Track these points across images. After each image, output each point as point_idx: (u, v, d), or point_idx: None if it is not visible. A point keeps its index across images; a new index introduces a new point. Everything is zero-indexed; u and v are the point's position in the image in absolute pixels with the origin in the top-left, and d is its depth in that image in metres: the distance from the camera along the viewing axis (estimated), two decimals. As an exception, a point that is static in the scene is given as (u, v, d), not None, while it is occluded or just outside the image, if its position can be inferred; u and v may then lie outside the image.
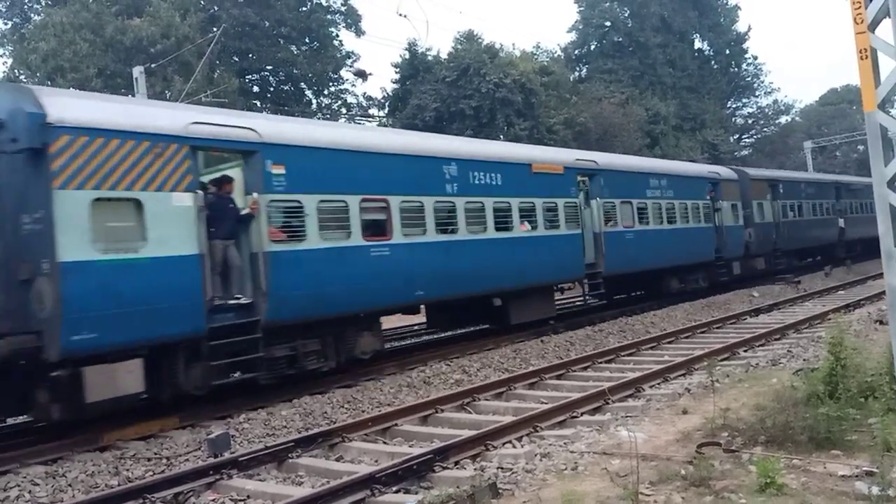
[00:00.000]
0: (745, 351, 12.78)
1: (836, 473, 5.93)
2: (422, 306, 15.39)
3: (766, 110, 62.55)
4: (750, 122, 63.45)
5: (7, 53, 36.54)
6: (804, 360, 10.95)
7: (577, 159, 18.44)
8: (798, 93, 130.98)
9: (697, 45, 59.12)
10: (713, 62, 59.57)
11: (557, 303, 20.72)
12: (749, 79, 61.61)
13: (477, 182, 14.50)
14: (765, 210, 27.03)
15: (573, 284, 20.34)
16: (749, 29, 61.92)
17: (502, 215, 15.13)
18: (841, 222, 33.43)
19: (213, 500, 7.04)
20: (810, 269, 29.85)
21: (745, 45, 60.65)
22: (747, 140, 63.12)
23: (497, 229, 14.87)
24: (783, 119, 63.76)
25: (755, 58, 62.28)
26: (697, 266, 22.80)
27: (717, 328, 16.25)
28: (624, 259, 18.74)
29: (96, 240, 8.72)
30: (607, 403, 9.44)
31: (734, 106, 62.83)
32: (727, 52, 59.93)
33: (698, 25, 56.87)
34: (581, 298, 22.45)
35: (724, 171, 25.83)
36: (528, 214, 15.81)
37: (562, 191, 16.89)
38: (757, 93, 62.06)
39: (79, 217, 8.57)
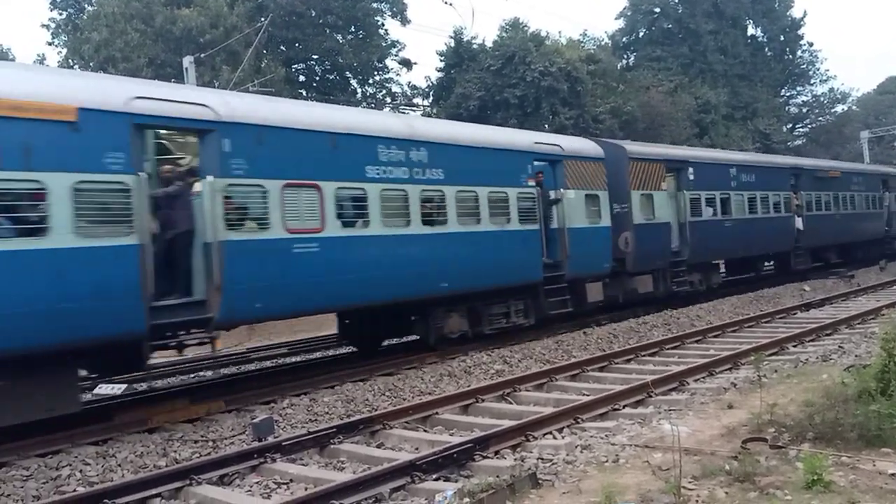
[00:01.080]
0: (795, 346, 12.48)
1: (885, 472, 5.78)
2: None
3: (822, 99, 60.75)
4: (804, 110, 61.69)
5: (62, 43, 37.59)
6: (856, 356, 10.65)
7: (138, 98, 9.33)
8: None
9: (751, 31, 57.69)
10: (767, 49, 58.01)
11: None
12: (804, 66, 59.92)
13: None
14: (657, 205, 18.52)
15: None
16: (805, 14, 60.13)
17: None
18: (798, 222, 24.63)
19: (258, 483, 7.17)
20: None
21: (800, 32, 59.03)
22: (801, 129, 61.45)
23: None
24: (839, 108, 61.90)
25: (811, 44, 60.70)
26: (509, 292, 14.57)
27: (766, 322, 15.89)
28: (286, 292, 10.46)
29: None
30: (650, 396, 9.34)
31: (788, 94, 61.20)
32: (781, 38, 58.28)
33: (751, 11, 55.44)
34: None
35: (570, 144, 16.83)
36: None
37: (69, 160, 8.44)
38: (812, 81, 60.42)
39: None
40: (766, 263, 26.74)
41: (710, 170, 21.04)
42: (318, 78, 41.76)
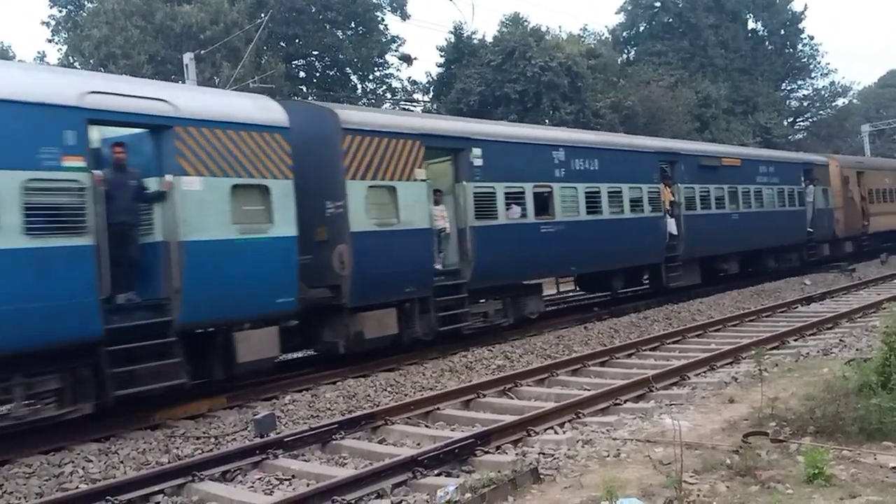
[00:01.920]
0: (796, 340, 12.49)
1: (886, 465, 5.79)
2: None
3: (823, 92, 60.51)
4: (805, 104, 61.49)
5: (62, 41, 37.55)
6: (857, 349, 10.66)
7: None
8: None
9: (751, 25, 57.49)
10: (767, 43, 57.83)
11: None
12: (805, 60, 59.71)
13: None
14: (405, 203, 12.52)
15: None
16: (805, 8, 59.93)
17: None
18: (671, 225, 18.89)
19: (260, 479, 7.19)
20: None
21: (800, 26, 58.83)
22: (802, 123, 61.33)
23: None
24: (840, 101, 61.72)
25: (811, 38, 60.51)
26: (17, 363, 8.03)
27: (767, 316, 15.89)
28: None
29: None
30: (651, 391, 9.35)
31: (788, 88, 61.02)
32: (782, 32, 58.09)
33: (752, 5, 55.24)
34: None
35: (196, 101, 10.22)
36: None
37: None
38: (813, 74, 60.19)
39: None
40: (645, 278, 20.15)
41: (515, 152, 14.73)
42: (318, 74, 41.69)
